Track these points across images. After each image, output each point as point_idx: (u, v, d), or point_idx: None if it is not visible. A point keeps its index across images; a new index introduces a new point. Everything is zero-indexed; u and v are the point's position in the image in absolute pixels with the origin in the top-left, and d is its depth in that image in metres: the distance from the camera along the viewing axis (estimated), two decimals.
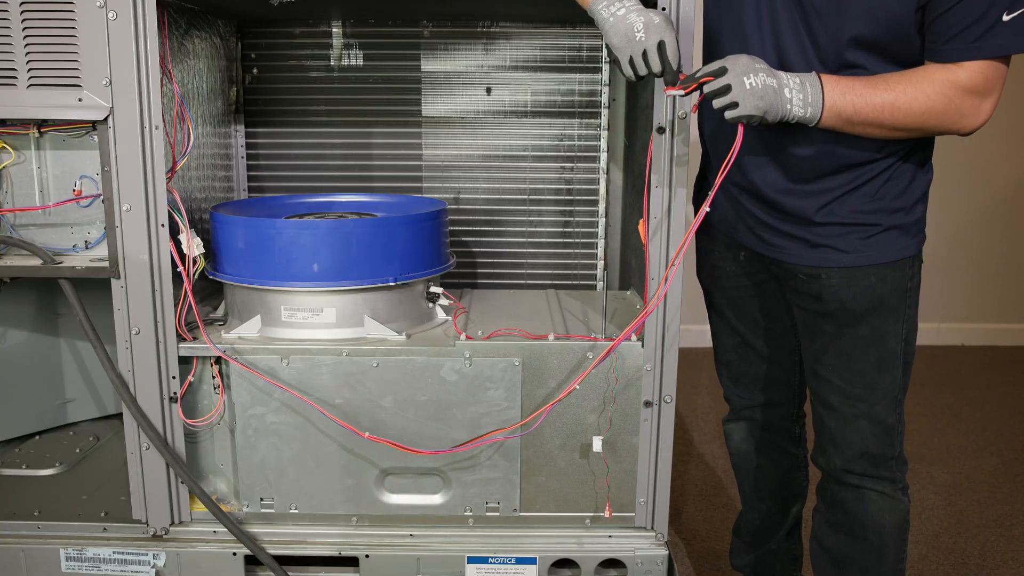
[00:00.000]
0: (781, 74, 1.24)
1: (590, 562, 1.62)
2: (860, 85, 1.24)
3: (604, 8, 1.30)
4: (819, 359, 1.46)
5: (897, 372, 1.41)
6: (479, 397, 1.56)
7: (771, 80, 1.22)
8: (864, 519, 1.47)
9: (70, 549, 1.61)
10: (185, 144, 1.64)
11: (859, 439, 1.44)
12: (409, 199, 1.91)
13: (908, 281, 1.39)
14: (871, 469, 1.45)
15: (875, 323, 1.39)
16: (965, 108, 1.24)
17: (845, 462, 1.47)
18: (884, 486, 1.46)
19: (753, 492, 1.76)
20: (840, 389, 1.44)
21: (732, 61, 1.23)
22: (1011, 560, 2.12)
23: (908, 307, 1.40)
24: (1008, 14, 1.17)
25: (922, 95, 1.23)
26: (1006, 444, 2.82)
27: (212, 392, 1.61)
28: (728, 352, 1.69)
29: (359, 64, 2.05)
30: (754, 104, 1.21)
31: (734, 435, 1.75)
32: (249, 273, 1.59)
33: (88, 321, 1.54)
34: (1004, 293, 3.90)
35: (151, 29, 1.44)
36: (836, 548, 1.53)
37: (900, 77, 1.25)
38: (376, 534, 1.62)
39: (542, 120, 2.06)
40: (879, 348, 1.40)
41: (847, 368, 1.42)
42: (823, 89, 1.23)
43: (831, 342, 1.43)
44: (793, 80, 1.24)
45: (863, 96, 1.23)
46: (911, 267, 1.39)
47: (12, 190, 1.57)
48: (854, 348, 1.41)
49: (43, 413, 2.04)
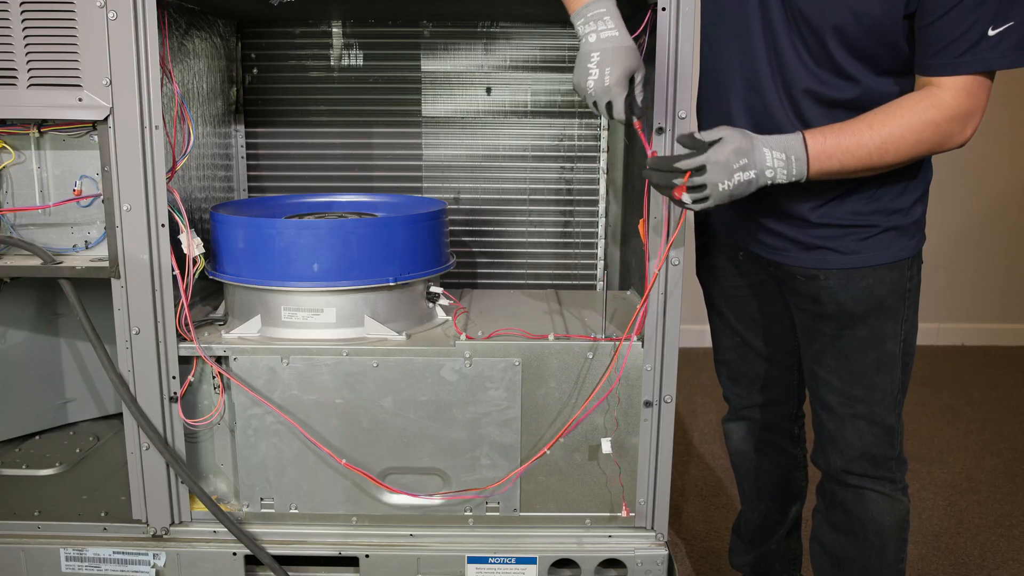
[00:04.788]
0: (765, 153, 1.23)
1: (590, 562, 1.62)
2: (846, 138, 1.23)
3: (581, 24, 1.28)
4: (818, 360, 1.46)
5: (896, 373, 1.41)
6: (479, 397, 1.56)
7: (749, 173, 1.22)
8: (864, 519, 1.47)
9: (70, 549, 1.61)
10: (185, 144, 1.64)
11: (858, 440, 1.44)
12: (409, 199, 1.91)
13: (907, 282, 1.39)
14: (871, 469, 1.45)
15: (873, 324, 1.39)
16: (953, 130, 1.22)
17: (845, 463, 1.46)
18: (884, 486, 1.46)
19: (752, 492, 1.77)
20: (839, 390, 1.44)
21: (715, 154, 1.21)
22: (1011, 560, 2.12)
23: (907, 308, 1.40)
24: (994, 28, 1.15)
25: (908, 130, 1.22)
26: (1006, 444, 2.82)
27: (212, 392, 1.62)
28: (727, 351, 1.69)
29: (359, 64, 2.05)
30: (725, 198, 1.24)
31: (733, 435, 1.75)
32: (249, 273, 1.59)
33: (88, 321, 1.54)
34: (1004, 293, 3.90)
35: (151, 29, 1.44)
36: (836, 548, 1.53)
37: (885, 116, 1.23)
38: (376, 534, 1.62)
39: (542, 120, 2.06)
40: (877, 349, 1.40)
41: (846, 369, 1.42)
42: (808, 161, 1.23)
43: (830, 343, 1.43)
44: (778, 158, 1.23)
45: (849, 152, 1.23)
46: (910, 268, 1.39)
47: (12, 190, 1.57)
48: (852, 349, 1.41)
49: (43, 413, 2.04)
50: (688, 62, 1.43)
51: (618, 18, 1.27)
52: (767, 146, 1.24)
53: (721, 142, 1.22)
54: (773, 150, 1.24)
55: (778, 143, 1.25)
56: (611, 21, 1.26)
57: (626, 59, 1.25)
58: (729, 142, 1.22)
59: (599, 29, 1.26)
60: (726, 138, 1.22)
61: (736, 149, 1.22)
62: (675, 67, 1.43)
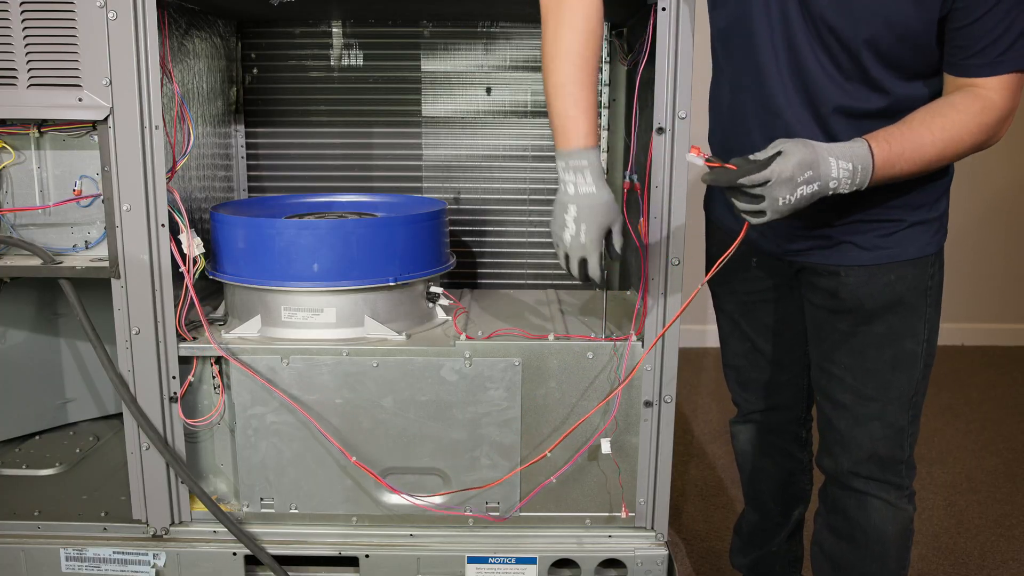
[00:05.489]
0: (831, 163, 1.16)
1: (590, 562, 1.62)
2: (908, 145, 1.18)
3: (562, 169, 1.31)
4: (830, 357, 1.43)
5: (914, 373, 1.38)
6: (479, 397, 1.56)
7: (813, 186, 1.16)
8: (866, 526, 1.45)
9: (70, 549, 1.61)
10: (185, 144, 1.64)
11: (868, 440, 1.41)
12: (409, 199, 1.91)
13: (929, 280, 1.36)
14: (878, 473, 1.42)
15: (891, 321, 1.36)
16: (999, 130, 1.21)
17: (853, 464, 1.43)
18: (889, 493, 1.43)
19: (756, 493, 1.75)
20: (852, 388, 1.40)
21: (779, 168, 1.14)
22: (1011, 560, 2.12)
23: (929, 306, 1.37)
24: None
25: (966, 133, 1.19)
26: (1006, 444, 2.82)
27: (212, 392, 1.62)
28: (737, 357, 1.65)
29: (359, 64, 2.05)
30: (785, 213, 1.17)
31: (740, 436, 1.73)
32: (249, 273, 1.59)
33: (88, 321, 1.54)
34: (1003, 293, 3.90)
35: (151, 29, 1.44)
36: (837, 554, 1.51)
37: (943, 120, 1.19)
38: (376, 534, 1.62)
39: (542, 120, 2.06)
40: (894, 347, 1.36)
41: (860, 367, 1.39)
42: (874, 170, 1.18)
43: (844, 340, 1.40)
44: (844, 168, 1.17)
45: (911, 159, 1.19)
46: (932, 265, 1.36)
47: (12, 190, 1.57)
48: (868, 346, 1.38)
49: (43, 413, 2.04)
50: (688, 62, 1.43)
51: (598, 173, 1.30)
52: (832, 155, 1.17)
53: (783, 156, 1.15)
54: (839, 159, 1.17)
55: (844, 152, 1.18)
56: (591, 176, 1.29)
57: (603, 216, 1.30)
58: (792, 155, 1.15)
59: (578, 182, 1.29)
60: (787, 151, 1.16)
61: (800, 162, 1.15)
62: (675, 67, 1.43)
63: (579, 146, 1.30)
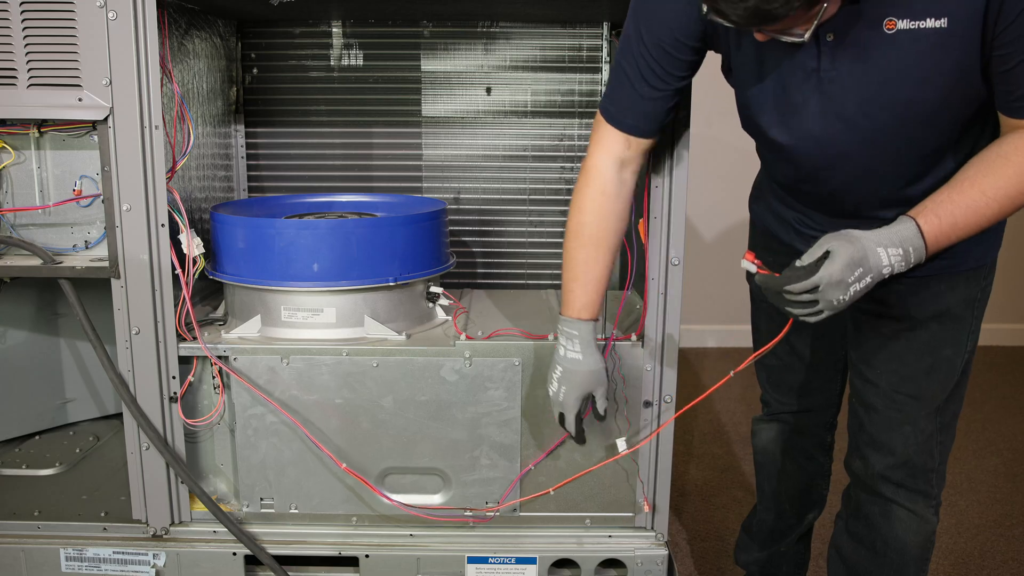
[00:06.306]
0: (880, 253, 1.14)
1: (590, 562, 1.62)
2: (960, 212, 1.14)
3: (559, 332, 1.41)
4: (868, 361, 1.40)
5: (949, 381, 1.35)
6: (479, 397, 1.56)
7: (865, 280, 1.14)
8: (888, 536, 1.43)
9: (70, 549, 1.61)
10: (185, 144, 1.64)
11: (901, 445, 1.38)
12: (409, 199, 1.91)
13: (979, 292, 1.34)
14: (908, 480, 1.40)
15: (935, 330, 1.33)
16: None
17: (885, 468, 1.41)
18: (916, 502, 1.41)
19: (772, 493, 1.72)
20: (887, 393, 1.38)
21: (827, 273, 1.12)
22: (1011, 560, 2.12)
23: (975, 318, 1.35)
24: None
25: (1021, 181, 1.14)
26: (1006, 444, 2.82)
27: (212, 392, 1.62)
28: (771, 356, 1.59)
29: (359, 64, 2.05)
30: (842, 308, 1.15)
31: (762, 434, 1.71)
32: (249, 273, 1.59)
33: (88, 321, 1.54)
34: (1004, 293, 3.90)
35: (151, 29, 1.44)
36: (854, 560, 1.49)
37: (995, 177, 1.15)
38: (376, 534, 1.62)
39: (542, 120, 2.06)
40: (934, 355, 1.34)
41: (897, 372, 1.36)
42: (927, 248, 1.15)
43: (884, 344, 1.37)
44: (895, 255, 1.14)
45: (965, 227, 1.16)
46: (985, 278, 1.34)
47: (12, 190, 1.57)
48: (908, 352, 1.35)
49: (43, 413, 2.04)
50: None
51: (588, 343, 1.39)
52: (880, 245, 1.14)
53: (831, 258, 1.13)
54: (888, 248, 1.15)
55: (891, 238, 1.15)
56: (579, 345, 1.39)
57: (583, 382, 1.40)
58: (839, 256, 1.12)
59: (567, 347, 1.40)
60: (835, 252, 1.13)
61: (849, 263, 1.12)
62: None
63: (573, 316, 1.39)
